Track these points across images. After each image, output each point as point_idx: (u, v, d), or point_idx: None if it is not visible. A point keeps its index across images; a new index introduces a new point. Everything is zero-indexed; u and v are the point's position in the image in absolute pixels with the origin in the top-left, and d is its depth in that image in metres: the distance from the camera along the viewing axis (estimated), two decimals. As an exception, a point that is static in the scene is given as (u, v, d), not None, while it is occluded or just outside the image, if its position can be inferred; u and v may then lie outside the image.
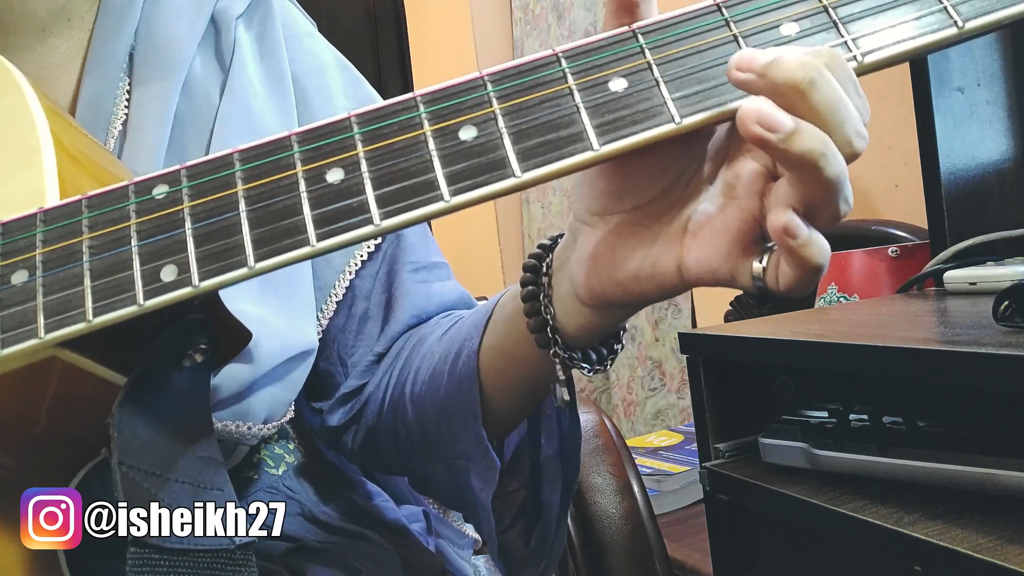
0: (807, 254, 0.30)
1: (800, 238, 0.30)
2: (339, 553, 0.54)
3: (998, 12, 0.30)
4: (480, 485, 0.49)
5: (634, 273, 0.36)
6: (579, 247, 0.39)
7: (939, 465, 0.50)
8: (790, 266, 0.31)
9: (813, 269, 0.30)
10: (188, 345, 0.36)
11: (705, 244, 0.34)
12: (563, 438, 0.50)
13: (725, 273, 0.33)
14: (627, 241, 0.36)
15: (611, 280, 0.37)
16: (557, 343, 0.41)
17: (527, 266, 0.43)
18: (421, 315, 0.57)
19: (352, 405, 0.57)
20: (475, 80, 0.32)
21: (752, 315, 1.29)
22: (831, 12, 0.32)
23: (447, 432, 0.50)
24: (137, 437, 0.34)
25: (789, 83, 0.29)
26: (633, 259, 0.36)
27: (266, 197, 0.31)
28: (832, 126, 0.30)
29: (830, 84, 0.29)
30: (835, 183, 0.30)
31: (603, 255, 0.37)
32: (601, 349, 0.43)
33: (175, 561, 0.34)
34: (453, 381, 0.48)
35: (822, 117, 0.29)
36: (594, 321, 0.40)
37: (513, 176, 0.31)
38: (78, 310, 0.31)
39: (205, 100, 0.54)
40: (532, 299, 0.42)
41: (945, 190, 0.80)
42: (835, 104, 0.29)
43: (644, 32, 0.32)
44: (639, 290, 0.37)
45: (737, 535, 0.65)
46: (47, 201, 0.36)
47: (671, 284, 0.35)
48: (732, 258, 0.33)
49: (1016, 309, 0.50)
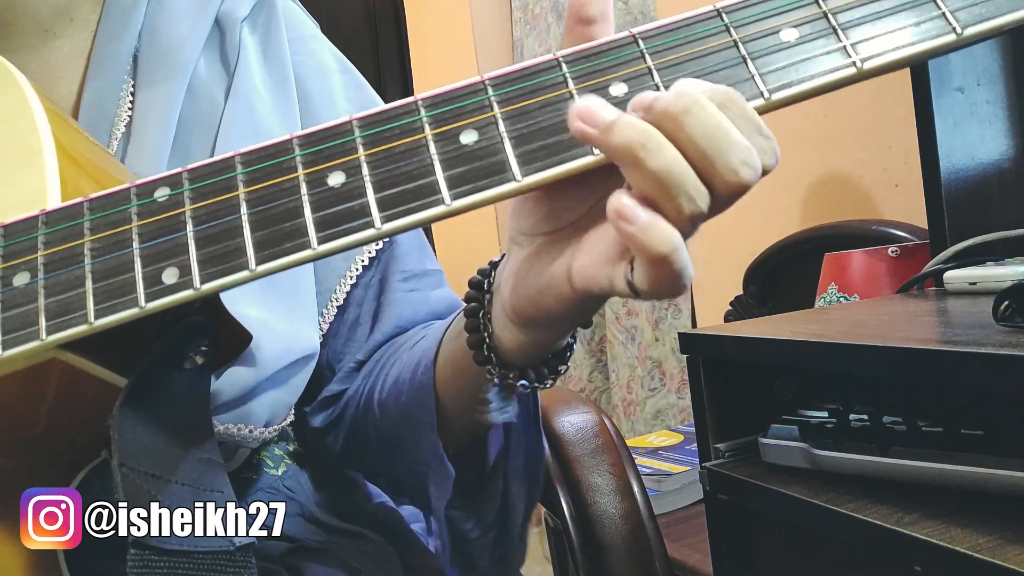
0: (646, 240, 0.29)
1: (635, 223, 0.29)
2: (339, 553, 0.54)
3: (996, 19, 0.30)
4: (436, 493, 0.49)
5: (541, 287, 0.36)
6: (508, 265, 0.39)
7: (939, 465, 0.50)
8: (640, 259, 0.31)
9: (658, 259, 0.30)
10: (189, 347, 0.36)
11: (587, 252, 0.34)
12: (529, 449, 0.51)
13: (604, 278, 0.33)
14: (541, 258, 0.36)
15: (525, 296, 0.37)
16: (491, 360, 0.41)
17: (471, 282, 0.43)
18: (405, 325, 0.57)
19: (333, 410, 0.57)
20: (476, 84, 0.32)
21: (752, 315, 1.29)
22: (831, 18, 0.32)
23: (408, 438, 0.50)
24: (138, 439, 0.34)
25: (666, 113, 0.30)
26: (541, 274, 0.36)
27: (267, 200, 0.32)
28: (711, 153, 0.30)
29: (706, 112, 0.30)
30: (662, 175, 0.29)
31: (520, 272, 0.37)
32: (542, 369, 0.42)
33: (175, 562, 0.34)
34: (412, 390, 0.49)
35: (698, 144, 0.29)
36: (523, 340, 0.40)
37: (514, 180, 0.31)
38: (79, 312, 0.31)
39: (209, 102, 0.54)
40: (473, 315, 0.42)
41: (945, 190, 0.80)
42: (711, 131, 0.29)
43: (645, 37, 0.32)
44: (543, 302, 0.36)
45: (737, 535, 0.65)
46: (48, 202, 0.36)
47: (564, 293, 0.35)
48: (609, 264, 0.33)
49: (1016, 309, 0.50)
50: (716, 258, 1.70)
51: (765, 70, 0.32)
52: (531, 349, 0.41)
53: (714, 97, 0.30)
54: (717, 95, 0.30)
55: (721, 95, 0.30)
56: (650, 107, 0.30)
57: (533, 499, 0.52)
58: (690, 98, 0.30)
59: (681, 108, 0.30)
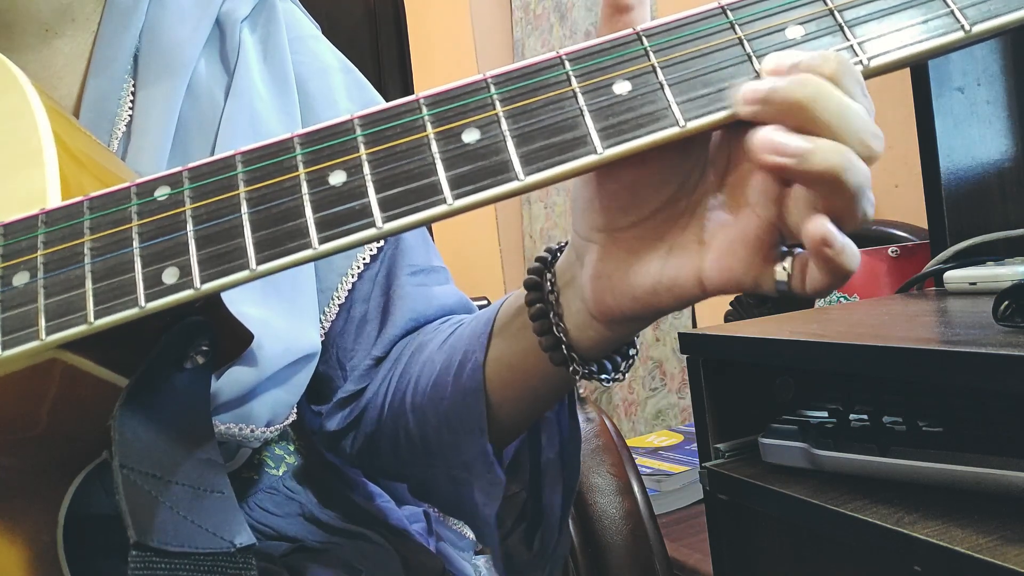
0: (842, 261, 0.30)
1: (835, 246, 0.30)
2: (339, 554, 0.54)
3: (1005, 16, 0.30)
4: (483, 500, 0.49)
5: (651, 287, 0.36)
6: (587, 265, 0.38)
7: (939, 465, 0.50)
8: (822, 272, 0.31)
9: (845, 275, 0.30)
10: (189, 347, 0.36)
11: (724, 253, 0.34)
12: (563, 441, 0.50)
13: (749, 281, 0.33)
14: (639, 255, 0.36)
15: (627, 296, 0.37)
16: (574, 359, 0.41)
17: (529, 283, 0.42)
18: (419, 319, 0.57)
19: (351, 410, 0.57)
20: (478, 82, 0.32)
21: (752, 315, 1.29)
22: (837, 15, 0.32)
23: (450, 443, 0.50)
24: (138, 439, 0.34)
25: (793, 104, 0.29)
26: (648, 274, 0.36)
27: (268, 199, 0.31)
28: (845, 135, 0.29)
29: (832, 95, 0.29)
30: (859, 191, 0.30)
31: (616, 272, 0.37)
32: (615, 357, 0.43)
33: (176, 563, 0.34)
34: (458, 393, 0.48)
35: (832, 129, 0.29)
36: (608, 335, 0.40)
37: (516, 179, 0.31)
38: (79, 312, 0.31)
39: (209, 103, 0.54)
40: (542, 317, 0.41)
41: (945, 190, 0.80)
42: (842, 113, 0.29)
43: (648, 35, 0.32)
44: (657, 303, 0.36)
45: (737, 535, 0.65)
46: (49, 202, 0.36)
47: (691, 295, 0.35)
48: (755, 266, 0.33)
49: (1016, 309, 0.50)
50: (716, 258, 1.69)
51: (771, 68, 0.31)
52: (612, 343, 0.41)
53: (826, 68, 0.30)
54: (830, 64, 0.30)
55: (833, 63, 0.30)
56: (767, 99, 0.30)
57: (571, 490, 0.51)
58: (813, 84, 0.29)
59: (807, 97, 0.29)
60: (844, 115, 0.29)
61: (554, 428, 0.50)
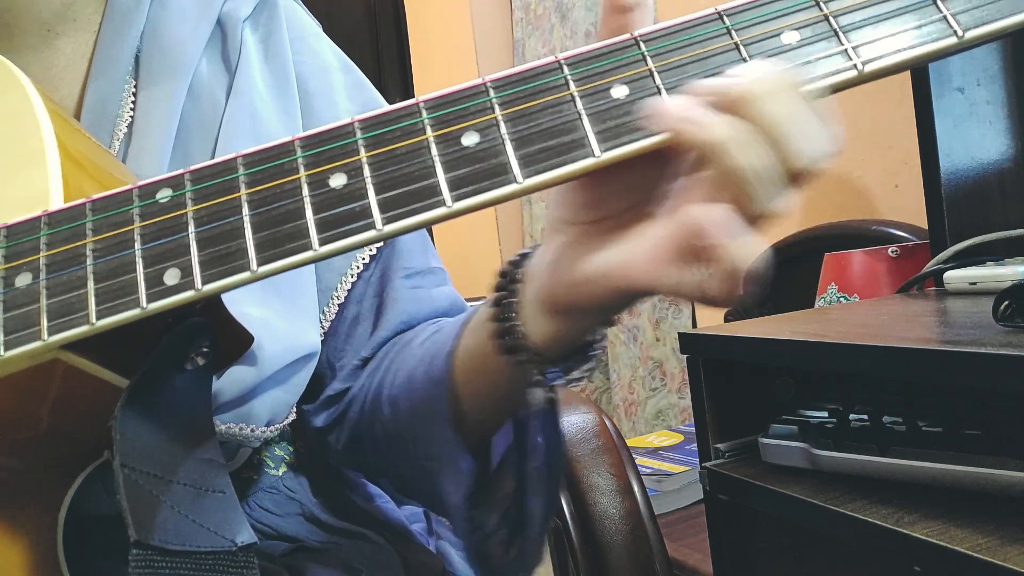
0: (737, 255, 0.30)
1: (719, 237, 0.30)
2: (339, 553, 0.54)
3: (998, 22, 0.30)
4: (451, 488, 0.49)
5: (589, 275, 0.36)
6: (547, 254, 0.39)
7: (939, 465, 0.50)
8: (719, 270, 0.31)
9: (739, 271, 0.30)
10: (190, 348, 0.36)
11: (651, 251, 0.34)
12: (548, 450, 0.50)
13: (667, 279, 0.33)
14: (588, 247, 0.36)
15: (565, 284, 0.37)
16: (521, 349, 0.41)
17: (500, 272, 0.42)
18: (410, 321, 0.57)
19: (336, 408, 0.57)
20: (478, 86, 0.32)
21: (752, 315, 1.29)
22: (832, 21, 0.32)
23: (421, 432, 0.50)
24: (139, 439, 0.34)
25: (744, 94, 0.30)
26: (591, 262, 0.36)
27: (269, 201, 0.32)
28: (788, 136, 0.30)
29: (786, 96, 0.30)
30: (751, 173, 0.30)
31: (564, 259, 0.37)
32: (571, 359, 0.42)
33: (177, 562, 0.34)
34: (427, 383, 0.48)
35: (777, 126, 0.30)
36: (557, 328, 0.39)
37: (515, 182, 0.31)
38: (81, 313, 0.31)
39: (211, 103, 0.55)
40: (500, 304, 0.41)
41: (945, 190, 0.80)
42: (790, 114, 0.30)
43: (646, 40, 0.32)
44: (584, 293, 0.36)
45: (737, 535, 0.65)
46: (51, 203, 0.36)
47: (612, 286, 0.35)
48: (675, 265, 0.33)
49: (1016, 309, 0.51)
50: (716, 258, 1.69)
51: (767, 72, 0.32)
52: (562, 338, 0.40)
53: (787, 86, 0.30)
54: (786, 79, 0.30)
55: (790, 78, 0.31)
56: (726, 92, 0.30)
57: (552, 500, 0.52)
58: (772, 82, 0.30)
59: (761, 93, 0.30)
60: (792, 116, 0.30)
61: (539, 437, 0.50)
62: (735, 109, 0.30)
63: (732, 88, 0.30)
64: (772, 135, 0.30)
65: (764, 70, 0.31)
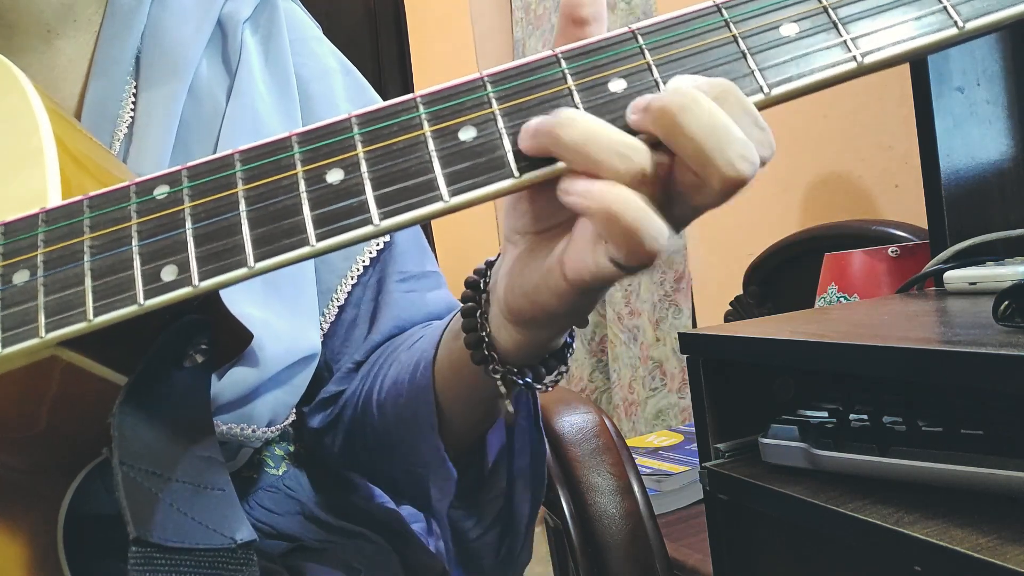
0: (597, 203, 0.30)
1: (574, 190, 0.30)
2: (339, 553, 0.54)
3: (998, 13, 0.30)
4: (438, 495, 0.49)
5: (536, 283, 0.36)
6: (503, 265, 0.39)
7: (939, 465, 0.50)
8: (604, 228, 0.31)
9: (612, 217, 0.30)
10: (188, 345, 0.36)
11: (576, 241, 0.34)
12: (533, 451, 0.51)
13: (591, 262, 0.33)
14: (536, 256, 0.36)
15: (521, 293, 0.37)
16: (493, 359, 0.41)
17: (467, 282, 0.42)
18: (403, 325, 0.57)
19: (331, 410, 0.57)
20: (475, 81, 0.32)
21: (752, 315, 1.29)
22: (831, 13, 0.32)
23: (407, 440, 0.50)
24: (138, 437, 0.34)
25: (663, 111, 0.30)
26: (537, 271, 0.36)
27: (266, 197, 0.32)
28: (709, 149, 0.30)
29: (702, 109, 0.30)
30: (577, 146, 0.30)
31: (515, 270, 0.37)
32: (540, 369, 0.42)
33: (177, 560, 0.34)
34: (411, 391, 0.49)
35: (696, 141, 0.30)
36: (520, 339, 0.40)
37: (512, 176, 0.31)
38: (79, 309, 0.31)
39: (211, 104, 0.55)
40: (470, 315, 0.41)
41: (945, 190, 0.80)
42: (708, 128, 0.29)
43: (644, 33, 0.32)
44: (540, 300, 0.36)
45: (737, 535, 0.65)
46: (49, 201, 0.36)
47: (558, 286, 0.35)
48: (591, 247, 0.33)
49: (1016, 309, 0.50)
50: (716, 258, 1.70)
51: (765, 65, 0.32)
52: (528, 348, 0.40)
53: (711, 92, 0.30)
54: (714, 89, 0.30)
55: (718, 88, 0.30)
56: (647, 107, 0.30)
57: (538, 499, 0.52)
58: (687, 95, 0.30)
59: (678, 106, 0.30)
60: (713, 130, 0.30)
61: (526, 438, 0.50)
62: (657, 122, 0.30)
63: (652, 102, 0.30)
64: (692, 146, 0.30)
65: (684, 83, 0.31)
